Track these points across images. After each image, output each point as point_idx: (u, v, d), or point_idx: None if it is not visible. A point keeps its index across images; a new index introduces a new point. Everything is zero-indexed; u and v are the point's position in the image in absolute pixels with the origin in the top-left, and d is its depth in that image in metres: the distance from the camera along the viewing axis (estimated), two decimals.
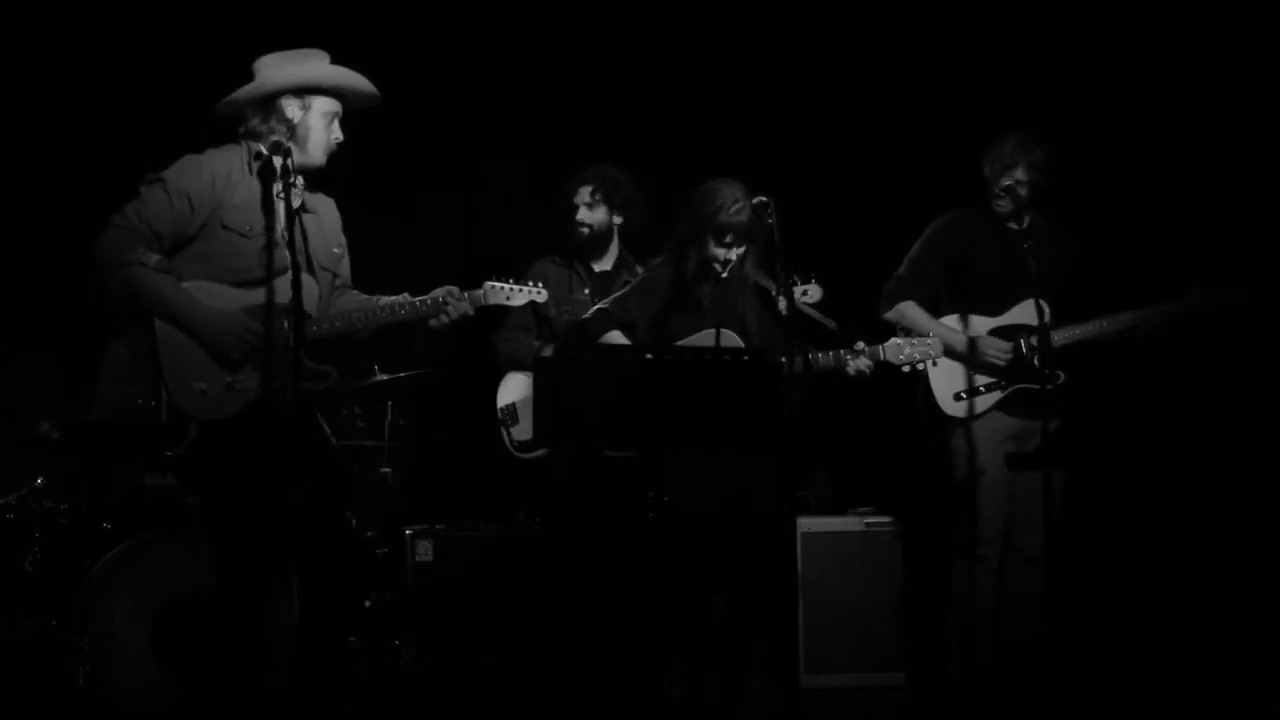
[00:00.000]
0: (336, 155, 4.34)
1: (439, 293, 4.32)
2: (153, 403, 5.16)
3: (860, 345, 4.67)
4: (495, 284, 4.42)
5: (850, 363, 4.64)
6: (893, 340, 4.74)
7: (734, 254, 4.71)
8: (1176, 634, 5.43)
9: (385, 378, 5.59)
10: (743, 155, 4.88)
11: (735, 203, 4.68)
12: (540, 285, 4.53)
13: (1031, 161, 5.00)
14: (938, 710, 5.26)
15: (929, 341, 4.75)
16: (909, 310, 5.12)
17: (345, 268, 4.48)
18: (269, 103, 4.22)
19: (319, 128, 4.24)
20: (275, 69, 4.24)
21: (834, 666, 5.51)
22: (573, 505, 5.30)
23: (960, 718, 5.05)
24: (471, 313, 4.35)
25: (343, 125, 4.33)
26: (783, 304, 4.69)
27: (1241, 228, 5.71)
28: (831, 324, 4.75)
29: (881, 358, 4.69)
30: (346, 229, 4.48)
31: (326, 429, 4.36)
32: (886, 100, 6.38)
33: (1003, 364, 4.98)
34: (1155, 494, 5.63)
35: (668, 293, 4.79)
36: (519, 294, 4.47)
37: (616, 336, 4.80)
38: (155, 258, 4.09)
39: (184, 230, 4.14)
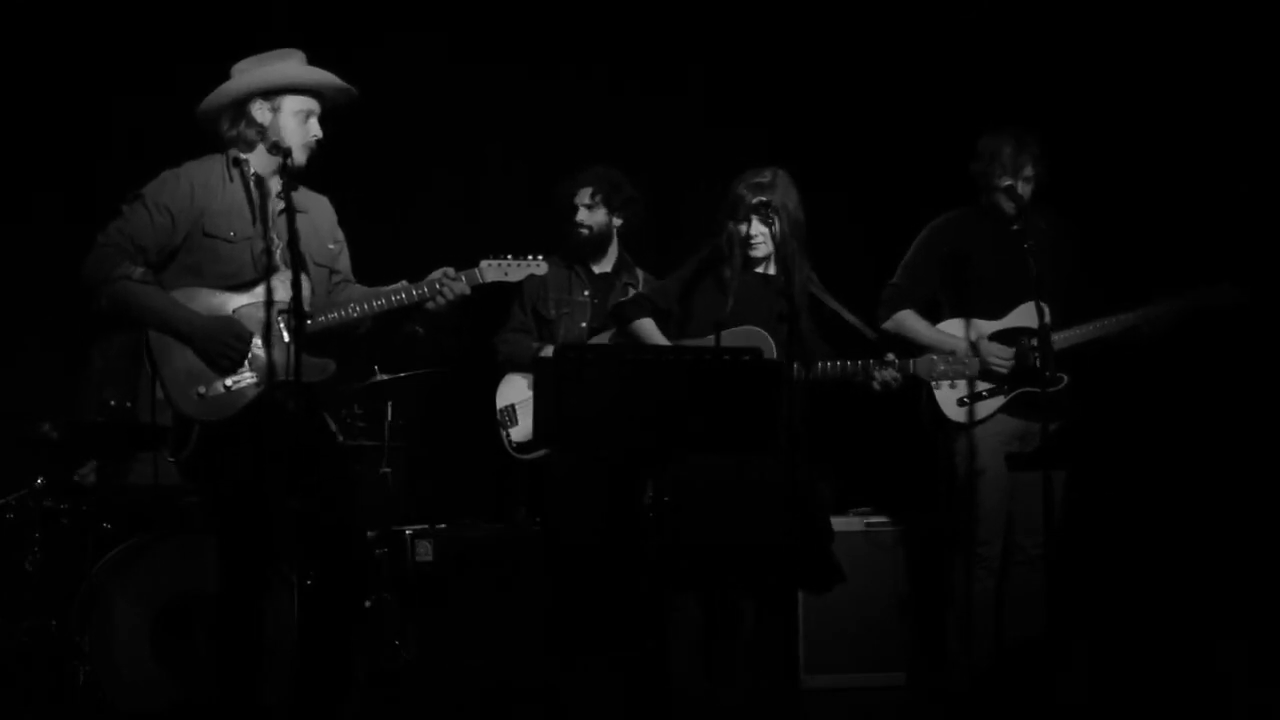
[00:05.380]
0: (338, 155, 4.34)
1: (435, 275, 4.31)
2: (128, 404, 5.20)
3: (890, 357, 4.61)
4: (491, 261, 4.39)
5: (877, 374, 4.61)
6: (927, 355, 4.69)
7: (754, 230, 4.69)
8: (1177, 634, 5.43)
9: (385, 378, 5.60)
10: (742, 155, 4.88)
11: (753, 176, 4.69)
12: (539, 258, 4.48)
13: (1036, 156, 4.98)
14: (938, 710, 5.26)
15: (965, 361, 4.69)
16: (907, 320, 5.08)
17: (344, 262, 4.48)
18: (240, 107, 4.23)
19: (292, 127, 4.24)
20: (244, 73, 4.25)
21: (834, 666, 5.51)
22: (573, 505, 5.30)
23: (960, 718, 5.05)
24: (469, 292, 4.32)
25: (334, 117, 4.32)
26: (782, 304, 4.69)
27: (1241, 227, 5.71)
28: (871, 333, 4.71)
29: (911, 372, 4.64)
30: (347, 228, 4.48)
31: (333, 427, 4.37)
32: (885, 101, 6.37)
33: (1005, 370, 4.95)
34: (1155, 494, 5.63)
35: (700, 276, 4.79)
36: (517, 268, 4.43)
37: (648, 325, 4.79)
38: (140, 270, 4.13)
39: (167, 243, 4.17)
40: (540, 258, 4.48)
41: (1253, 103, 5.80)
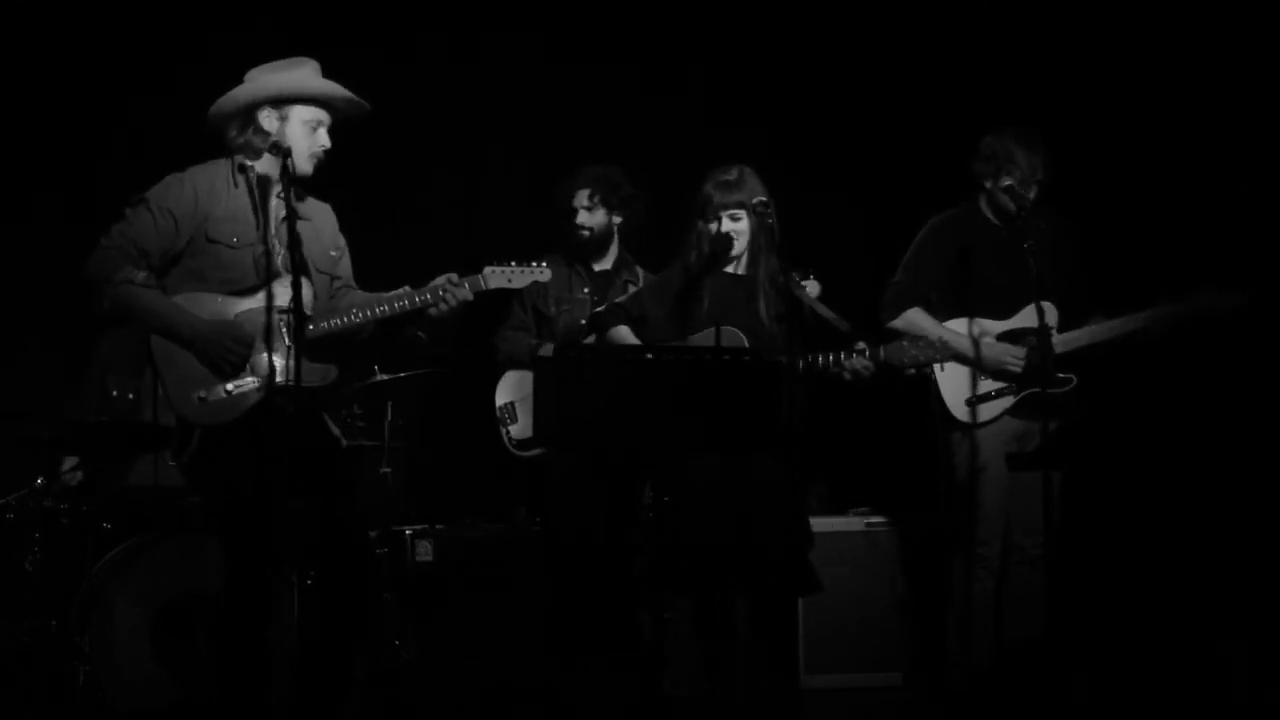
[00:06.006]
0: (338, 157, 4.33)
1: (439, 281, 4.29)
2: (130, 395, 5.19)
3: (860, 346, 4.57)
4: (495, 268, 4.36)
5: (847, 364, 4.57)
6: (897, 342, 4.62)
7: (727, 228, 4.68)
8: (1177, 634, 5.43)
9: (385, 378, 5.60)
10: (742, 155, 4.88)
11: (721, 174, 4.69)
12: (544, 265, 4.46)
13: (1045, 158, 4.98)
14: (937, 710, 5.27)
15: (935, 344, 4.63)
16: (916, 317, 5.04)
17: (345, 268, 4.47)
18: (248, 114, 4.22)
19: (299, 136, 4.22)
20: (254, 81, 4.24)
21: (834, 666, 5.51)
22: (572, 504, 5.30)
23: (960, 718, 5.05)
24: (471, 298, 4.30)
25: (344, 129, 4.31)
26: (782, 303, 4.69)
27: (1242, 228, 5.72)
28: (845, 325, 4.69)
29: (882, 359, 4.60)
30: (349, 232, 4.48)
31: (335, 430, 4.36)
32: (885, 100, 6.38)
33: (1018, 370, 4.94)
34: (1155, 494, 5.63)
35: (677, 283, 4.79)
36: (521, 275, 4.40)
37: (624, 332, 4.79)
38: (142, 274, 4.12)
39: (170, 247, 4.16)
40: (544, 264, 4.46)
41: (1253, 103, 5.80)
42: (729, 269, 4.78)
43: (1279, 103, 5.74)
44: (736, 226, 4.69)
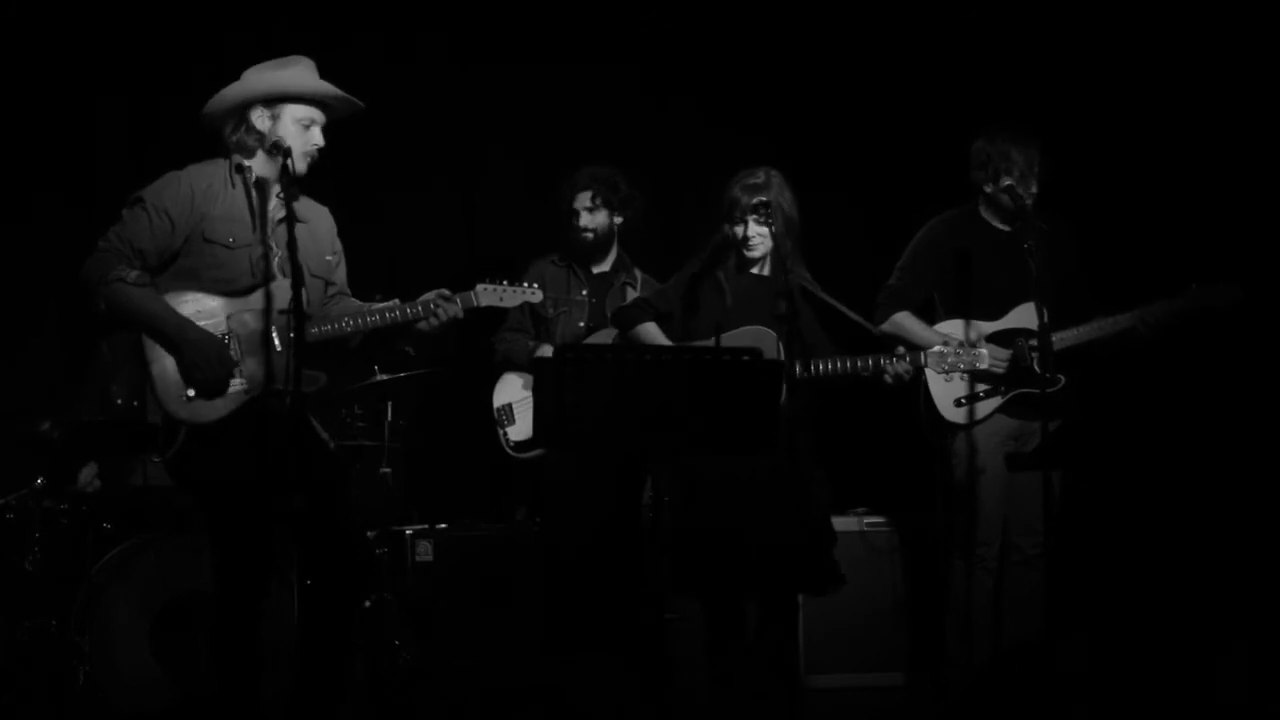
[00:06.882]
0: (335, 158, 4.33)
1: (429, 296, 4.28)
2: (135, 402, 5.19)
3: (901, 350, 4.63)
4: (487, 286, 4.36)
5: (890, 367, 4.61)
6: (936, 348, 4.70)
7: (752, 232, 4.69)
8: (1176, 634, 5.43)
9: (385, 378, 5.60)
10: (742, 156, 4.88)
11: (747, 177, 4.69)
12: (535, 286, 4.48)
13: (1042, 154, 4.97)
14: (937, 710, 5.27)
15: (976, 352, 4.70)
16: (904, 321, 5.07)
17: (340, 274, 4.44)
18: (241, 113, 4.20)
19: (291, 135, 4.19)
20: (248, 80, 4.23)
21: (833, 666, 5.52)
22: (572, 505, 5.30)
23: (959, 718, 5.05)
24: (461, 315, 4.29)
25: (340, 128, 4.31)
26: (782, 305, 4.70)
27: (1238, 227, 5.72)
28: (876, 330, 4.73)
29: (922, 364, 4.66)
30: (345, 232, 4.47)
31: (324, 435, 4.34)
32: (885, 100, 6.37)
33: (1001, 371, 4.95)
34: (1155, 494, 5.63)
35: (699, 280, 4.80)
36: (512, 295, 4.40)
37: (651, 328, 4.79)
38: (135, 273, 4.09)
39: (167, 246, 4.14)
40: (535, 286, 4.47)
41: (1253, 103, 5.80)
42: (754, 270, 4.80)
43: (1276, 102, 5.75)
44: (762, 230, 4.70)
